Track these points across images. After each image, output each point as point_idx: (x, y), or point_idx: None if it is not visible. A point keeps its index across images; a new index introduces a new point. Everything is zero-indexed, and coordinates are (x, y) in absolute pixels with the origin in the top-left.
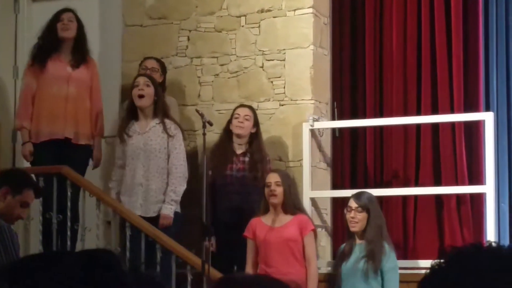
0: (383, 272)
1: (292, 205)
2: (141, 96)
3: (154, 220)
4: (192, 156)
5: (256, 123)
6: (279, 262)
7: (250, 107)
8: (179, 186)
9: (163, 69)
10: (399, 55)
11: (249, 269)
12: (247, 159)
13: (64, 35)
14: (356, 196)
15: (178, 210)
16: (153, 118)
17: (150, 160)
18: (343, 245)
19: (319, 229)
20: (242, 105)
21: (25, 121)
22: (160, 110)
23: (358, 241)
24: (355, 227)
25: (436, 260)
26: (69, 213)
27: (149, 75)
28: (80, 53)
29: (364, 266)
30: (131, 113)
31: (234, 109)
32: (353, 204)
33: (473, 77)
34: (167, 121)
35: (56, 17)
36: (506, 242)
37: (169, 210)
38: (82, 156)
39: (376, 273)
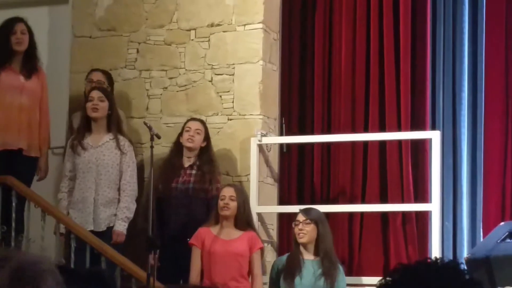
0: None
1: (243, 221)
2: (95, 109)
3: (102, 235)
4: (139, 169)
5: (207, 137)
6: (225, 275)
7: (201, 121)
8: (132, 204)
9: (110, 81)
10: (348, 72)
11: (193, 278)
12: (194, 171)
13: (17, 49)
14: (304, 210)
15: None
16: (106, 132)
17: (102, 175)
18: (281, 258)
19: (265, 244)
20: (193, 119)
21: None
22: (114, 125)
23: (307, 256)
24: (303, 238)
25: (383, 277)
26: (13, 224)
27: (103, 89)
28: (31, 63)
29: (324, 284)
30: (84, 126)
31: (185, 122)
32: (301, 217)
33: (420, 96)
34: (120, 137)
35: (8, 28)
36: None
37: (123, 226)
38: (30, 167)
39: None
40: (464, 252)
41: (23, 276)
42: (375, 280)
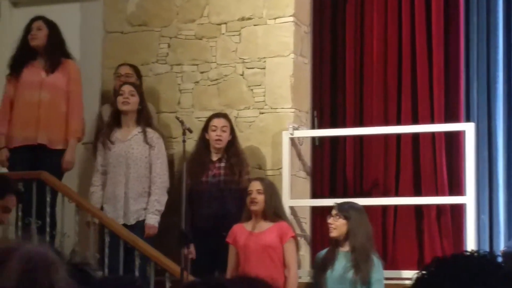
0: (370, 283)
1: (272, 213)
2: (125, 103)
3: (132, 228)
4: (170, 163)
5: (232, 130)
6: (258, 268)
7: (225, 116)
8: (163, 196)
9: (138, 75)
10: (380, 64)
11: (230, 275)
12: (223, 164)
13: (33, 44)
14: (339, 204)
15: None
16: (135, 126)
17: (131, 169)
18: (322, 252)
19: (298, 238)
20: (216, 115)
21: (2, 127)
22: (143, 119)
23: (342, 249)
24: (332, 233)
25: (419, 271)
26: (48, 219)
27: (134, 83)
28: (53, 58)
29: (352, 277)
30: (114, 120)
31: (209, 120)
32: (333, 211)
33: (454, 88)
34: (149, 130)
35: (27, 27)
36: None
37: (154, 220)
38: (57, 161)
39: (364, 284)
40: (501, 245)
41: (35, 267)
42: (409, 273)
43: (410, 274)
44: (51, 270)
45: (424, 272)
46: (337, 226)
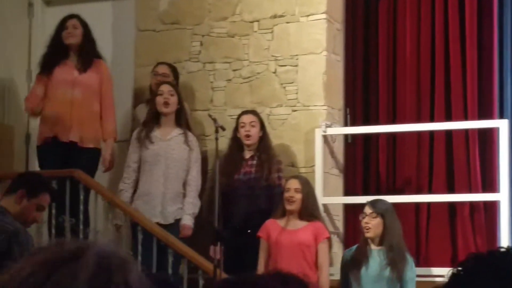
0: (403, 281)
1: (308, 212)
2: (166, 104)
3: (170, 227)
4: (202, 161)
5: (262, 126)
6: (290, 265)
7: (253, 112)
8: (196, 199)
9: (175, 75)
10: (413, 60)
11: (261, 270)
12: (254, 162)
13: (68, 42)
14: (371, 203)
15: None
16: (175, 126)
17: (170, 169)
18: (350, 250)
19: (331, 236)
20: (245, 112)
21: (32, 103)
22: (183, 120)
23: (374, 247)
24: (369, 233)
25: (454, 268)
26: (81, 217)
27: (172, 83)
28: (86, 57)
29: (389, 274)
30: (152, 119)
31: (238, 117)
32: (367, 210)
33: (487, 84)
34: (189, 133)
35: (61, 25)
36: None
37: (190, 221)
38: (89, 159)
39: (398, 281)
40: None
41: (110, 264)
42: (443, 271)
43: (442, 272)
44: (126, 269)
45: (459, 268)
46: (373, 225)
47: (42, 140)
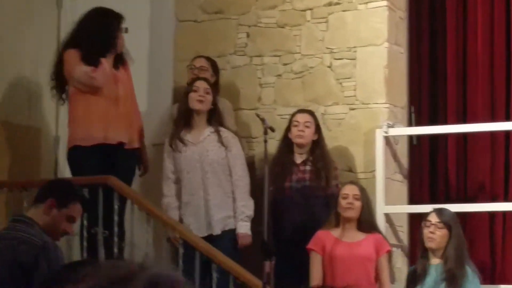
0: None
1: (367, 222)
2: (200, 102)
3: (220, 239)
4: (250, 166)
5: (318, 129)
6: (349, 280)
7: (310, 112)
8: (249, 200)
9: (215, 69)
10: (485, 52)
11: (314, 285)
12: (308, 167)
13: (119, 49)
14: (439, 211)
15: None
16: (206, 126)
17: (208, 173)
18: (413, 266)
19: (394, 249)
20: (300, 111)
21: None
22: (216, 119)
23: (433, 261)
24: (432, 243)
25: None
26: (116, 229)
27: (208, 81)
28: (119, 54)
29: None
30: (183, 119)
31: (292, 115)
32: (433, 218)
33: None
34: (222, 129)
35: (116, 25)
36: None
37: (246, 227)
38: (133, 162)
39: None
40: None
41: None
42: None
43: None
44: None
45: None
46: (438, 236)
47: (87, 141)
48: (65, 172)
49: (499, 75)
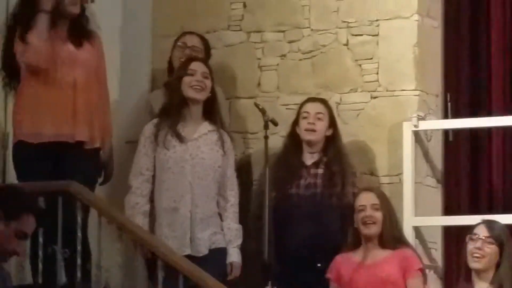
0: None
1: (392, 236)
2: (198, 88)
3: (203, 261)
4: (246, 168)
5: (332, 123)
6: None
7: (323, 101)
8: (237, 220)
9: (207, 51)
10: None
11: None
12: (320, 171)
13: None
14: (488, 223)
15: None
16: (202, 120)
17: (199, 179)
18: None
19: (426, 271)
20: (311, 99)
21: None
22: (216, 113)
23: (479, 285)
24: (478, 262)
25: None
26: (78, 247)
27: (205, 62)
28: (81, 26)
29: None
30: (177, 109)
31: (301, 105)
32: (482, 232)
33: None
34: (222, 131)
35: None
36: None
37: (239, 256)
38: (93, 166)
39: None
40: None
41: None
42: None
43: None
44: None
45: None
46: (487, 254)
47: (35, 138)
48: (14, 177)
49: None
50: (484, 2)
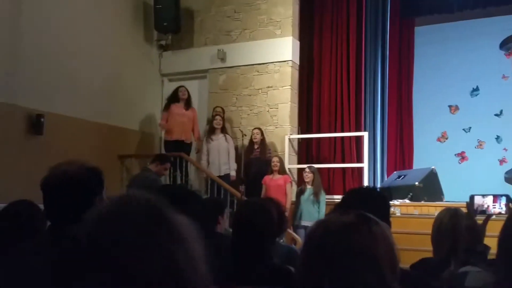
0: None
1: (283, 170)
2: None
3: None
4: None
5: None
6: None
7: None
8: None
9: None
10: (331, 99)
11: None
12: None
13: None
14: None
15: None
16: None
17: None
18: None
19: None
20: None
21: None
22: None
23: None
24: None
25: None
26: (184, 173)
27: None
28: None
29: None
30: None
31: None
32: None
33: (359, 108)
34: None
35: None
36: None
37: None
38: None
39: None
40: None
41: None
42: None
43: None
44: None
45: (343, 196)
46: (309, 177)
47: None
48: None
49: (332, 111)
50: (314, 81)
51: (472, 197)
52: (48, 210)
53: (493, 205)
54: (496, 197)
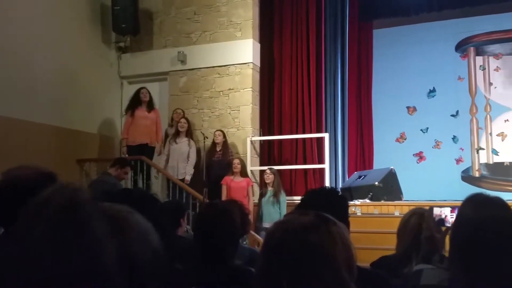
0: None
1: (245, 173)
2: None
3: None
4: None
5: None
6: None
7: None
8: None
9: None
10: (293, 103)
11: None
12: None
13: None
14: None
15: None
16: None
17: None
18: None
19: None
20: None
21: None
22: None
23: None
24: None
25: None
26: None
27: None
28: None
29: None
30: None
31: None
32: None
33: (319, 110)
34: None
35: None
36: None
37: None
38: (151, 152)
39: None
40: None
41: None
42: None
43: None
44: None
45: (303, 197)
46: (270, 178)
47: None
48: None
49: (294, 113)
50: (275, 83)
51: (431, 209)
52: (0, 216)
53: (451, 215)
54: (453, 209)
